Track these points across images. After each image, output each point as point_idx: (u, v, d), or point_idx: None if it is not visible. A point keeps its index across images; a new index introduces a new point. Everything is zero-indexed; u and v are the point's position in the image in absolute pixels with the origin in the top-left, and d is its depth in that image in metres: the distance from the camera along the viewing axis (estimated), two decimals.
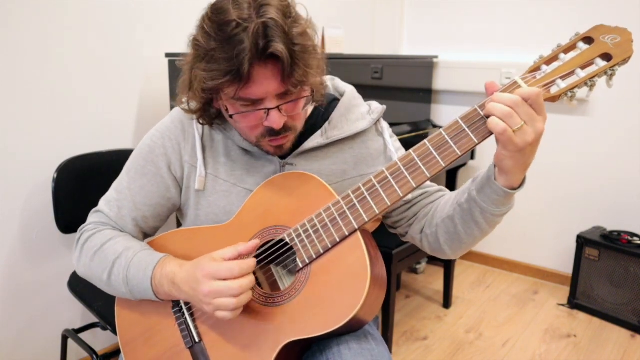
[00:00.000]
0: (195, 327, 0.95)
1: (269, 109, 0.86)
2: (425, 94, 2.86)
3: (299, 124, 0.95)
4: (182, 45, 0.90)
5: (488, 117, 0.75)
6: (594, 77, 0.73)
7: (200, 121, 0.97)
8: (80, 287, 1.55)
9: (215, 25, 0.81)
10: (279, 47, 0.78)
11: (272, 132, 0.90)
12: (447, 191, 1.03)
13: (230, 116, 0.90)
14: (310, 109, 1.04)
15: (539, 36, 2.55)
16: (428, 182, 1.04)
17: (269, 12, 0.79)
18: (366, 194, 0.85)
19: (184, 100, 0.95)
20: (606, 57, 0.74)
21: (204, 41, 0.82)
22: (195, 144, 1.00)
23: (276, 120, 0.86)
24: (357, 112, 1.05)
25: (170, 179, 1.02)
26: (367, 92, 2.39)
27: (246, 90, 0.83)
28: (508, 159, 0.77)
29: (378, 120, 1.07)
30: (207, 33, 0.82)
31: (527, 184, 0.83)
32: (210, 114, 0.96)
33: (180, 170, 1.02)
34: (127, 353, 1.00)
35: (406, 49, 3.07)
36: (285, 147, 0.95)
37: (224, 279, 0.83)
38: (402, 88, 2.68)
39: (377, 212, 0.83)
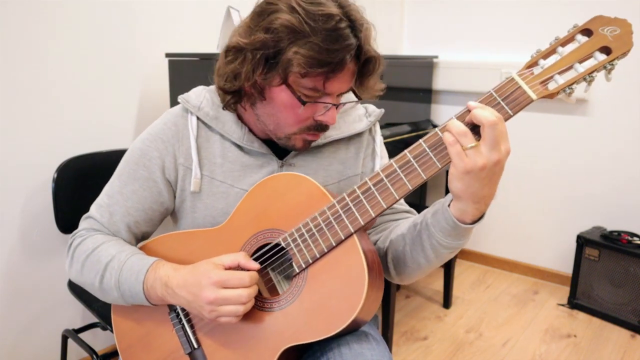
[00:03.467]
0: (194, 333, 0.94)
1: (332, 105, 0.89)
2: (425, 94, 2.86)
3: None
4: (182, 45, 0.89)
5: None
6: (592, 72, 0.71)
7: (232, 101, 0.95)
8: (80, 287, 1.53)
9: (318, 15, 0.81)
10: (374, 51, 0.86)
11: (319, 127, 0.93)
12: (415, 213, 1.03)
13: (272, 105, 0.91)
14: None
15: (539, 36, 2.53)
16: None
17: (359, 13, 0.86)
18: (362, 197, 0.83)
19: (223, 82, 0.92)
20: (605, 50, 0.71)
21: (300, 25, 0.81)
22: (190, 145, 0.98)
23: (334, 116, 0.91)
24: (354, 113, 1.06)
25: (163, 183, 1.00)
26: None
27: (330, 82, 0.86)
28: (457, 180, 0.74)
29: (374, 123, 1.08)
30: (303, 20, 0.81)
31: (528, 184, 0.82)
32: (237, 98, 0.95)
33: (174, 173, 0.99)
34: (126, 358, 1.00)
35: (406, 49, 3.07)
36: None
37: (232, 287, 0.83)
38: (402, 88, 2.68)
39: (373, 215, 0.82)
